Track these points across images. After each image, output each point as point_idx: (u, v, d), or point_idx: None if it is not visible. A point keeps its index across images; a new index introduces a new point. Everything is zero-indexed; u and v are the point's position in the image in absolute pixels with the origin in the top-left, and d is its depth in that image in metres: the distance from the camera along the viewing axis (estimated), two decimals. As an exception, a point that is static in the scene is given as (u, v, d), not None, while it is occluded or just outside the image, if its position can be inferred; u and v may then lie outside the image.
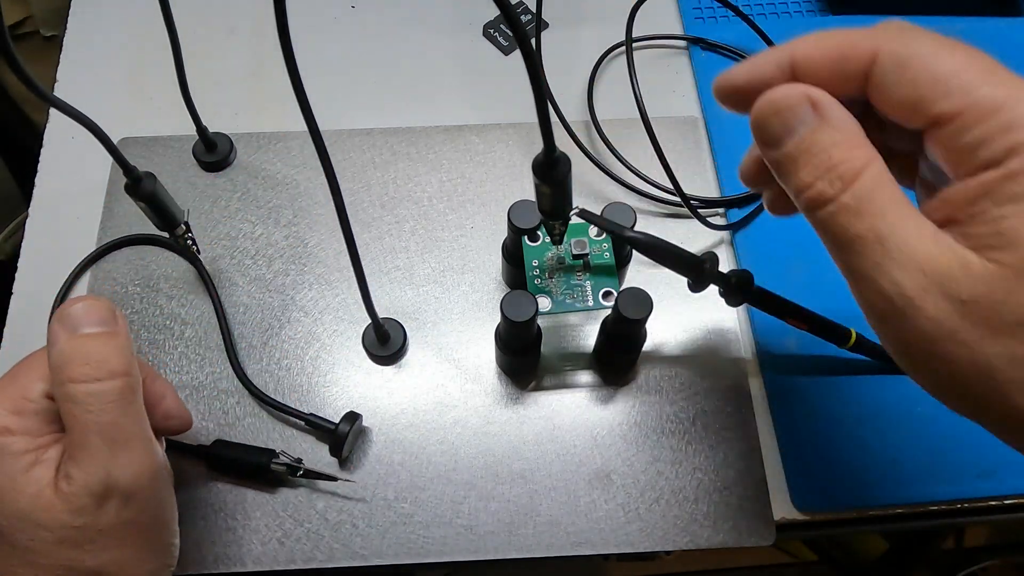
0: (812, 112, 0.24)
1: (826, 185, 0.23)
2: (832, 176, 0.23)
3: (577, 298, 0.36)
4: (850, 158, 0.23)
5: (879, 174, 0.23)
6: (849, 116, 0.24)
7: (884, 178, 0.23)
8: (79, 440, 0.28)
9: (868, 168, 0.23)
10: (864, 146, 0.24)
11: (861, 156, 0.23)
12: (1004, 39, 0.51)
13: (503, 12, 0.21)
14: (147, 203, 0.35)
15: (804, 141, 0.24)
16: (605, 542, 0.38)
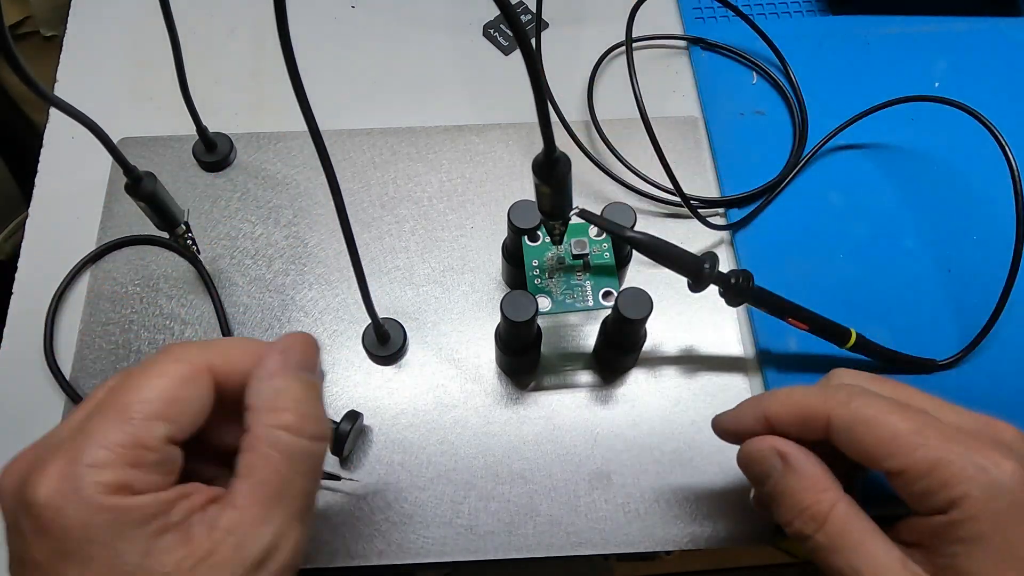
0: (780, 462, 0.29)
1: (802, 524, 0.28)
2: (805, 517, 0.28)
3: (577, 298, 0.36)
4: (817, 501, 0.27)
5: (846, 512, 0.27)
6: (815, 463, 0.28)
7: (851, 515, 0.27)
8: (264, 492, 0.24)
9: (834, 509, 0.27)
10: (830, 488, 0.28)
11: (828, 499, 0.27)
12: (1004, 39, 0.51)
13: (503, 12, 0.21)
14: (147, 203, 0.35)
15: (778, 485, 0.29)
16: (605, 542, 0.38)
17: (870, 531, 0.27)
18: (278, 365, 0.26)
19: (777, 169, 0.46)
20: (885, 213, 0.45)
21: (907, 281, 0.43)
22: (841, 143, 0.47)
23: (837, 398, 0.28)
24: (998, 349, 0.42)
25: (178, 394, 0.24)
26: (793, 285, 0.42)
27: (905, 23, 0.52)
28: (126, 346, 0.41)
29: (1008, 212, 0.40)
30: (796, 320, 0.37)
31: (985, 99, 0.44)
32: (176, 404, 0.24)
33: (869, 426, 0.27)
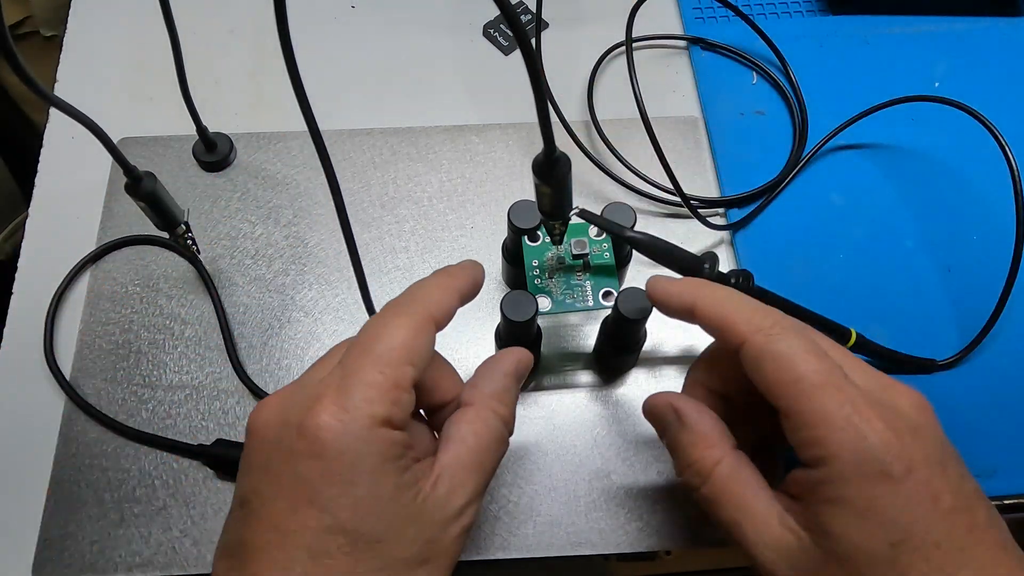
0: (676, 417, 0.30)
1: (690, 477, 0.29)
2: (691, 472, 0.29)
3: (577, 298, 0.36)
4: (704, 457, 0.29)
5: (729, 469, 0.28)
6: (707, 419, 0.30)
7: (735, 470, 0.28)
8: (463, 459, 0.28)
9: (719, 465, 0.28)
10: (717, 445, 0.29)
11: (713, 455, 0.29)
12: (1004, 39, 0.51)
13: (503, 12, 0.21)
14: (147, 203, 0.35)
15: (672, 439, 0.31)
16: (605, 542, 0.38)
17: (752, 486, 0.28)
18: (512, 367, 0.31)
19: (777, 169, 0.46)
20: (885, 213, 0.45)
21: (907, 281, 0.43)
22: (841, 143, 0.47)
23: (761, 326, 0.28)
24: (998, 349, 0.42)
25: (415, 341, 0.27)
26: (793, 285, 0.42)
27: (905, 23, 0.52)
28: (126, 346, 0.41)
29: (1008, 212, 0.40)
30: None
31: (985, 99, 0.44)
32: (416, 351, 0.27)
33: (776, 363, 0.27)
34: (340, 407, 0.25)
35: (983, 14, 0.52)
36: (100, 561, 0.37)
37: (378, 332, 0.27)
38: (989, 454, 0.39)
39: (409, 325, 0.27)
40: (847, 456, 0.25)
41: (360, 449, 0.25)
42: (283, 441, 0.25)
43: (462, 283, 0.30)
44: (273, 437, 0.26)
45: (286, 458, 0.25)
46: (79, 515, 0.38)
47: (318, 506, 0.24)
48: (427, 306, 0.28)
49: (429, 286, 0.29)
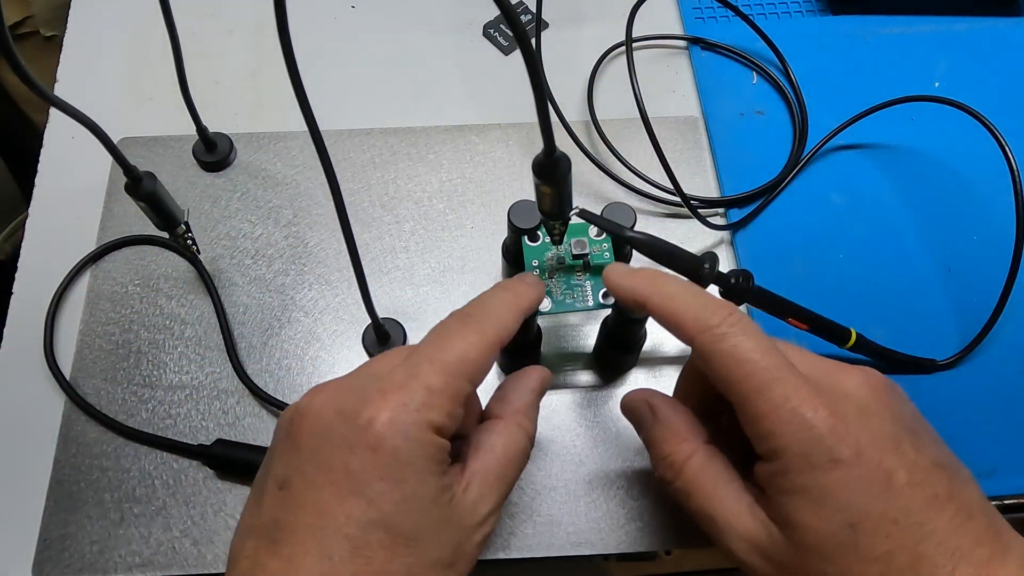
0: (650, 412, 0.31)
1: (663, 471, 0.30)
2: (665, 465, 0.30)
3: (577, 298, 0.36)
4: (676, 451, 0.30)
5: (701, 463, 0.29)
6: (680, 414, 0.31)
7: (706, 466, 0.29)
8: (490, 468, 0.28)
9: (691, 460, 0.29)
10: (689, 439, 0.30)
11: (685, 449, 0.29)
12: (1004, 39, 0.51)
13: (503, 12, 0.21)
14: (147, 203, 0.35)
15: (647, 433, 0.31)
16: (605, 542, 0.38)
17: (723, 480, 0.29)
18: (537, 384, 0.32)
19: (777, 169, 0.46)
20: (885, 213, 0.45)
21: (907, 281, 0.43)
22: (841, 143, 0.47)
23: (708, 324, 0.28)
24: (998, 349, 0.42)
25: (480, 360, 0.27)
26: (793, 285, 0.42)
27: (905, 23, 0.52)
28: (126, 346, 0.41)
29: (1008, 212, 0.40)
30: (796, 320, 0.37)
31: (985, 99, 0.44)
32: (478, 368, 0.27)
33: (723, 361, 0.27)
34: (402, 405, 0.25)
35: (983, 14, 0.52)
36: (100, 561, 0.37)
37: (449, 340, 0.27)
38: (989, 454, 0.39)
39: (478, 343, 0.27)
40: (796, 447, 0.25)
41: (413, 449, 0.25)
42: (337, 429, 0.25)
43: (527, 304, 0.31)
44: (326, 425, 0.26)
45: (339, 446, 0.25)
46: (79, 515, 0.38)
47: (366, 498, 0.24)
48: (496, 326, 0.28)
49: (499, 303, 0.30)
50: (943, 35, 0.51)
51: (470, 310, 0.29)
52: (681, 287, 0.30)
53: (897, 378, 0.40)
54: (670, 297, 0.29)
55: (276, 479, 0.26)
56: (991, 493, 0.39)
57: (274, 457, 0.27)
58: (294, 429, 0.26)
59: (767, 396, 0.26)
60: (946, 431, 0.39)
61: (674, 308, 0.29)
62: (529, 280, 0.32)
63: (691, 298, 0.29)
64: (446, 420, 0.26)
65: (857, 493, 0.25)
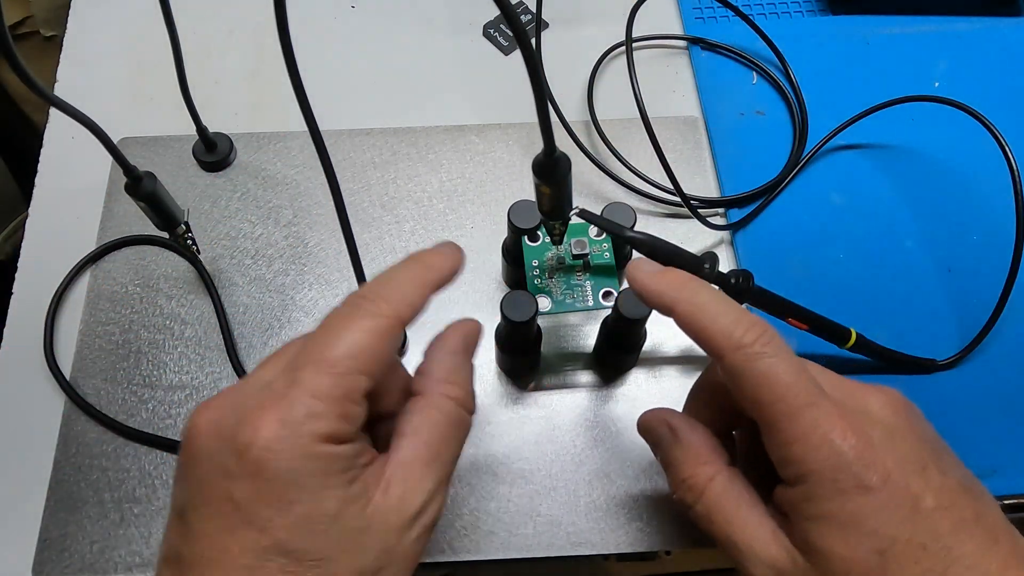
0: (669, 433, 0.30)
1: (683, 494, 0.29)
2: (685, 487, 0.29)
3: (577, 298, 0.36)
4: (697, 474, 0.29)
5: (723, 487, 0.28)
6: (700, 435, 0.30)
7: (727, 488, 0.28)
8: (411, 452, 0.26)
9: (712, 482, 0.28)
10: (711, 462, 0.29)
11: (707, 472, 0.29)
12: (1004, 39, 0.51)
13: (503, 12, 0.21)
14: (147, 203, 0.35)
15: (665, 455, 0.31)
16: (605, 542, 0.38)
17: (746, 503, 0.28)
18: (460, 344, 0.29)
19: (777, 169, 0.46)
20: (885, 213, 0.45)
21: (907, 281, 0.43)
22: (841, 143, 0.47)
23: (741, 343, 0.26)
24: (998, 349, 0.42)
25: (377, 348, 0.24)
26: (793, 285, 0.42)
27: (905, 23, 0.52)
28: (126, 346, 0.41)
29: (1008, 212, 0.40)
30: (796, 320, 0.37)
31: (985, 99, 0.44)
32: (375, 358, 0.24)
33: (757, 382, 0.26)
34: (280, 422, 0.23)
35: (983, 14, 0.52)
36: (100, 561, 0.37)
37: (336, 333, 0.24)
38: (989, 454, 0.39)
39: (371, 328, 0.25)
40: (824, 472, 0.25)
41: (300, 468, 0.23)
42: (216, 457, 0.23)
43: (437, 277, 0.27)
44: (207, 451, 0.24)
45: (220, 476, 0.23)
46: (79, 515, 0.38)
47: (256, 527, 0.23)
48: (395, 305, 0.25)
49: (400, 280, 0.26)
50: (943, 35, 0.51)
51: (364, 291, 0.26)
52: (713, 297, 0.28)
53: (897, 378, 0.41)
54: (700, 307, 0.28)
55: (175, 507, 0.25)
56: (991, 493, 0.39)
57: (175, 481, 0.25)
58: (183, 455, 0.25)
59: (798, 421, 0.25)
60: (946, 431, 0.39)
61: (704, 321, 0.27)
62: (445, 249, 0.29)
63: (723, 311, 0.27)
64: (339, 425, 0.23)
65: (885, 519, 0.24)
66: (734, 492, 0.28)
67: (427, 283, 0.27)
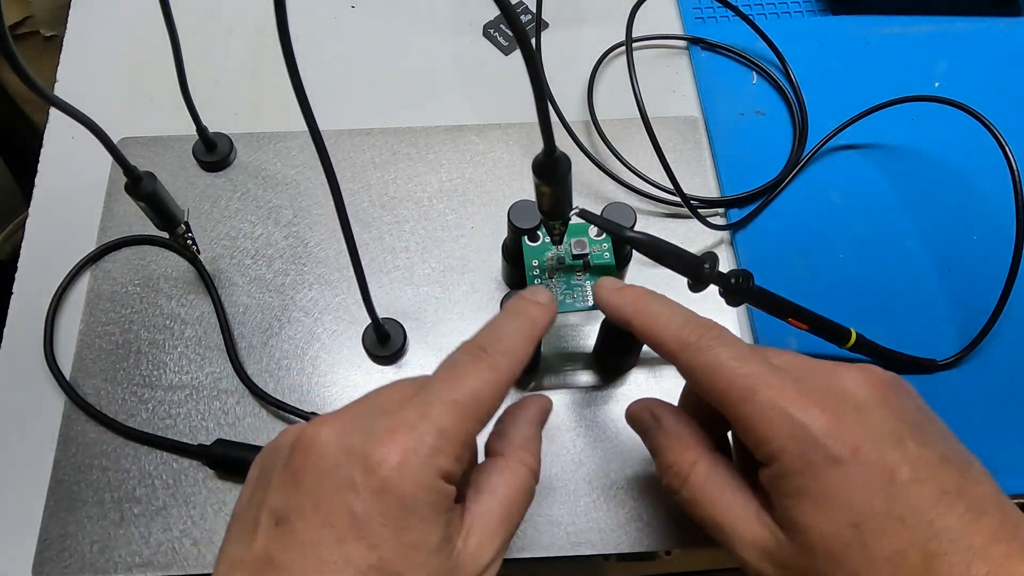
0: (653, 421, 0.31)
1: (669, 480, 0.30)
2: (671, 473, 0.30)
3: (577, 298, 0.36)
4: (680, 460, 0.29)
5: (707, 471, 0.29)
6: (683, 423, 0.30)
7: (711, 474, 0.29)
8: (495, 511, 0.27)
9: (695, 468, 0.29)
10: (693, 447, 0.30)
11: (689, 457, 0.29)
12: (1004, 39, 0.51)
13: (503, 12, 0.21)
14: (147, 203, 0.35)
15: (651, 442, 0.31)
16: (605, 542, 0.38)
17: (730, 487, 0.28)
18: (537, 416, 0.31)
19: (777, 169, 0.46)
20: (885, 213, 0.45)
21: (907, 281, 0.43)
22: (841, 143, 0.47)
23: (687, 342, 0.28)
24: (998, 349, 0.42)
25: (495, 399, 0.26)
26: (793, 285, 0.42)
27: (905, 23, 0.52)
28: (126, 346, 0.41)
29: (1008, 212, 0.40)
30: (796, 320, 0.37)
31: (985, 99, 0.44)
32: (491, 407, 0.26)
33: (705, 375, 0.27)
34: (411, 450, 0.24)
35: (983, 14, 0.52)
36: (100, 561, 0.37)
37: (462, 378, 0.26)
38: (989, 454, 0.39)
39: (493, 380, 0.26)
40: (792, 448, 0.25)
41: (421, 497, 0.24)
42: (341, 470, 0.24)
43: (542, 330, 0.29)
44: (332, 462, 0.24)
45: (343, 486, 0.24)
46: (79, 515, 0.38)
47: (367, 543, 0.23)
48: (511, 361, 0.27)
49: (514, 335, 0.28)
50: (943, 35, 0.51)
51: (484, 343, 0.27)
52: (664, 306, 0.30)
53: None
54: (652, 317, 0.30)
55: (273, 513, 0.24)
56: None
57: (270, 488, 0.25)
58: (295, 463, 0.25)
59: (753, 401, 0.26)
60: (946, 431, 0.40)
61: (656, 328, 0.29)
62: (542, 299, 0.30)
63: (672, 316, 0.29)
64: (455, 466, 0.25)
65: (858, 492, 0.24)
66: (718, 476, 0.29)
67: (533, 338, 0.29)
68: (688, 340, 0.28)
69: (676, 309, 0.30)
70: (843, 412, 0.26)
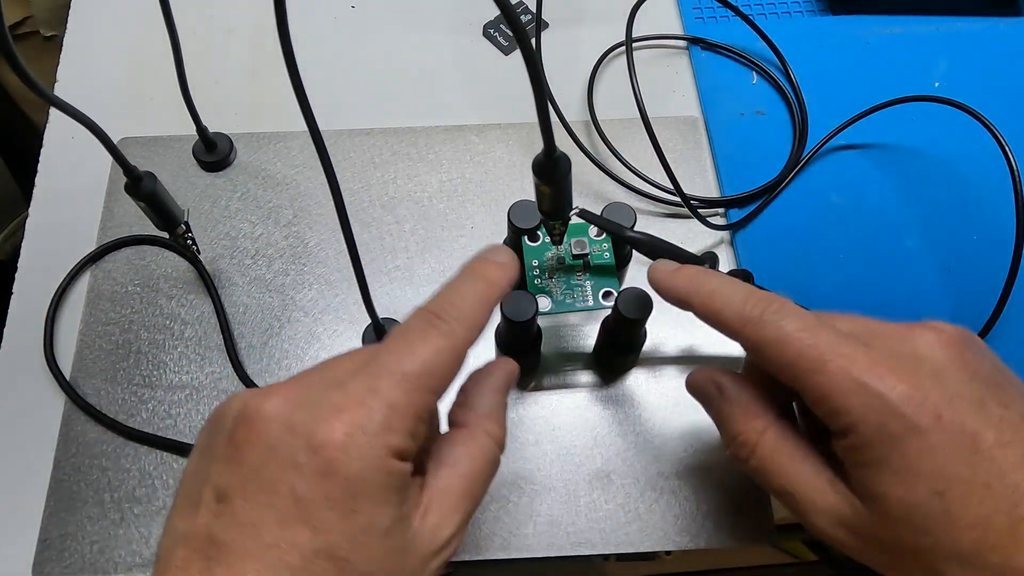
0: (717, 391, 0.30)
1: (736, 449, 0.29)
2: (737, 443, 0.29)
3: (577, 298, 0.36)
4: (747, 429, 0.29)
5: (775, 440, 0.28)
6: (749, 390, 0.30)
7: (780, 440, 0.28)
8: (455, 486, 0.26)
9: (763, 436, 0.28)
10: (761, 416, 0.29)
11: (757, 426, 0.29)
12: (1004, 39, 0.51)
13: (503, 12, 0.21)
14: (147, 203, 0.35)
15: (717, 413, 0.31)
16: (605, 542, 0.38)
17: (800, 455, 0.28)
18: (503, 383, 0.29)
19: (777, 169, 0.47)
20: (885, 213, 0.45)
21: (907, 281, 0.43)
22: (841, 143, 0.47)
23: (749, 317, 0.27)
24: (998, 349, 0.41)
25: (449, 369, 0.25)
26: (793, 285, 0.42)
27: (905, 23, 0.52)
28: (126, 346, 0.41)
29: (1008, 212, 0.40)
30: (796, 320, 0.37)
31: (985, 99, 0.44)
32: (445, 379, 0.25)
33: (771, 350, 0.27)
34: (358, 428, 0.23)
35: (983, 14, 0.52)
36: (100, 561, 0.37)
37: (413, 347, 0.24)
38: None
39: (447, 349, 0.25)
40: (871, 419, 0.24)
41: (369, 478, 0.22)
42: (285, 448, 0.23)
43: (500, 294, 0.28)
44: (275, 439, 0.23)
45: (287, 466, 0.22)
46: (79, 515, 0.38)
47: (312, 527, 0.22)
48: (467, 327, 0.25)
49: (470, 299, 0.26)
50: (943, 35, 0.51)
51: (437, 308, 0.26)
52: (722, 283, 0.29)
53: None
54: (711, 295, 0.29)
55: (215, 489, 0.23)
56: None
57: (214, 461, 0.24)
58: (238, 436, 0.23)
59: (825, 372, 0.25)
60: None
61: (716, 306, 0.28)
62: (501, 259, 0.28)
63: (732, 292, 0.28)
64: (407, 442, 0.23)
65: (942, 459, 0.24)
66: (788, 445, 0.28)
67: (491, 301, 0.27)
68: (751, 315, 0.27)
69: (735, 285, 0.29)
70: (920, 378, 0.25)
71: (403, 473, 0.24)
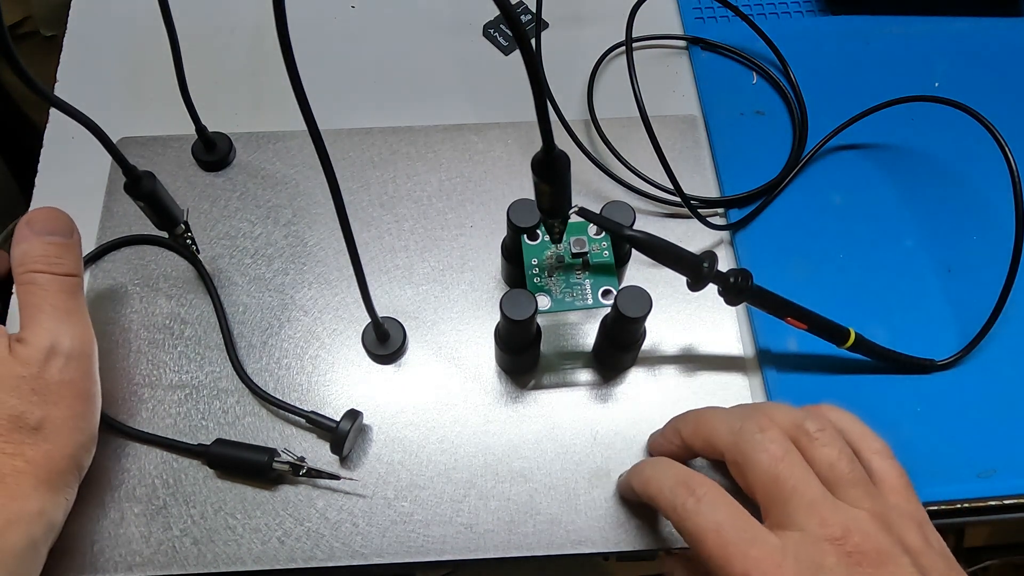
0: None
1: None
2: None
3: (576, 296, 0.36)
4: None
5: None
6: None
7: None
8: (33, 313, 0.34)
9: None
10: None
11: None
12: (1004, 39, 0.51)
13: (503, 12, 0.21)
14: (146, 202, 0.35)
15: None
16: (605, 541, 0.38)
17: None
18: (24, 235, 0.35)
19: (777, 169, 0.47)
20: (885, 213, 0.45)
21: (907, 281, 0.43)
22: (841, 143, 0.47)
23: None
24: (998, 349, 0.42)
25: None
26: (793, 285, 0.42)
27: (905, 23, 0.52)
28: (126, 346, 0.41)
29: (1008, 212, 0.40)
30: (795, 319, 0.37)
31: (985, 99, 0.44)
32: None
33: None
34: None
35: (983, 14, 0.52)
36: (100, 561, 0.37)
37: None
38: (989, 454, 0.39)
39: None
40: None
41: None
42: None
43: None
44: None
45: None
46: (79, 515, 0.38)
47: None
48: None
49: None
50: (943, 35, 0.51)
51: None
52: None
53: (896, 378, 0.41)
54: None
55: None
56: (991, 493, 0.39)
57: None
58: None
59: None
60: (946, 431, 0.40)
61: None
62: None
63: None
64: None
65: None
66: None
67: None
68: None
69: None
70: None
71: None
